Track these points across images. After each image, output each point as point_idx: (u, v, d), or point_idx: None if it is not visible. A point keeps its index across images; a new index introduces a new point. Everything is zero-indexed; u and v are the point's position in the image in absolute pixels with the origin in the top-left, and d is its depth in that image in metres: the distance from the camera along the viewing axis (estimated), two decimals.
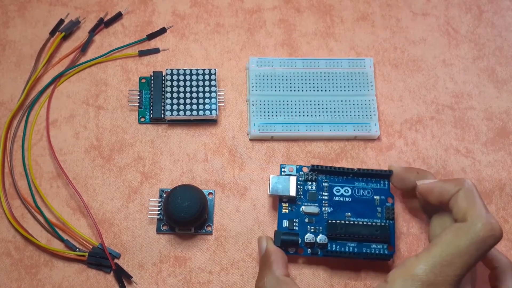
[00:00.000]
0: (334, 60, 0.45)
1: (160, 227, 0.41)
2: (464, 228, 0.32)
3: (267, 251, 0.37)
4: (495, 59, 0.47)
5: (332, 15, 0.48)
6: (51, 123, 0.44)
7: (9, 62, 0.45)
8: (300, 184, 0.40)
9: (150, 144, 0.43)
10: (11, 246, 0.40)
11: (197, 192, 0.39)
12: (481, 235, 0.31)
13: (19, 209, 0.41)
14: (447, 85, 0.46)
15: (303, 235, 0.39)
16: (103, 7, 0.48)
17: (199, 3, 0.48)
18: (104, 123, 0.44)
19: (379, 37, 0.47)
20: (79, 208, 0.41)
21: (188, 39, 0.47)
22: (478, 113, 0.45)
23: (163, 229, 0.41)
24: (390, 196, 0.40)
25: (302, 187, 0.40)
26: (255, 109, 0.43)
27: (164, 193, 0.41)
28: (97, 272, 0.40)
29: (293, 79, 0.44)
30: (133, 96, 0.44)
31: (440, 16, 0.48)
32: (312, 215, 0.39)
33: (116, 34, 0.47)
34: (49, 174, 0.42)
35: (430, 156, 0.43)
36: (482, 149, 0.44)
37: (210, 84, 0.43)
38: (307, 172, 0.40)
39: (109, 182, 0.42)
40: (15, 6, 0.47)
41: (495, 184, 0.43)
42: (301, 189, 0.40)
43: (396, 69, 0.46)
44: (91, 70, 0.45)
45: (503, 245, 0.41)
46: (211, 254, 0.40)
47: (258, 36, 0.47)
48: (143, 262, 0.40)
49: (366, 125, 0.43)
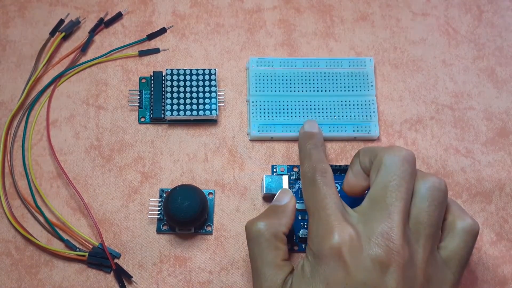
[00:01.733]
0: (334, 60, 0.45)
1: (160, 227, 0.41)
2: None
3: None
4: (495, 59, 0.47)
5: (332, 15, 0.48)
6: (51, 123, 0.44)
7: (9, 62, 0.45)
8: (292, 183, 0.41)
9: (150, 144, 0.43)
10: (11, 246, 0.40)
11: (197, 192, 0.39)
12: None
13: (19, 209, 0.41)
14: (447, 85, 0.46)
15: (297, 231, 0.40)
16: (103, 7, 0.48)
17: (199, 3, 0.48)
18: (104, 123, 0.44)
19: (379, 37, 0.47)
20: (79, 208, 0.41)
21: (188, 39, 0.47)
22: (478, 113, 0.45)
23: (163, 229, 0.41)
24: None
25: (294, 185, 0.41)
26: (255, 109, 0.43)
27: (164, 193, 0.41)
28: (97, 272, 0.40)
29: (293, 79, 0.44)
30: (133, 96, 0.44)
31: (440, 16, 0.48)
32: (305, 212, 0.40)
33: (116, 34, 0.47)
34: (49, 174, 0.42)
35: (430, 156, 0.44)
36: (482, 149, 0.44)
37: (210, 84, 0.43)
38: (297, 171, 0.42)
39: (109, 182, 0.42)
40: (15, 6, 0.47)
41: (495, 184, 0.43)
42: (293, 187, 0.41)
43: (396, 69, 0.46)
44: (91, 70, 0.46)
45: (503, 245, 0.41)
46: (211, 254, 0.40)
47: (258, 36, 0.47)
48: (143, 262, 0.40)
49: (366, 126, 0.43)
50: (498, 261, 0.41)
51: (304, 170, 0.36)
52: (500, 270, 0.41)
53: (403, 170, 0.32)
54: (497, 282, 0.40)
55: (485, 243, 0.41)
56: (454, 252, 0.32)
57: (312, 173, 0.35)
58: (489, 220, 0.42)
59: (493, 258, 0.41)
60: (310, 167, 0.35)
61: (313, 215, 0.33)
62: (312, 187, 0.34)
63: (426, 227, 0.32)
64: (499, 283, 0.40)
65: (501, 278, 0.40)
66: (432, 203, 0.32)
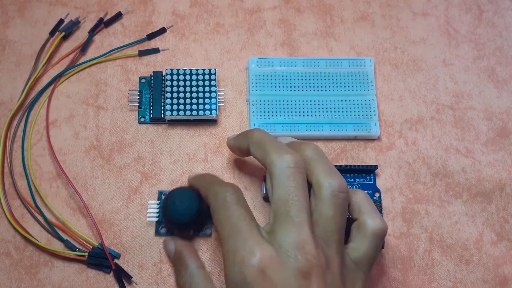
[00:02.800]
0: (334, 60, 0.45)
1: (159, 229, 0.40)
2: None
3: (177, 249, 0.38)
4: (495, 59, 0.47)
5: (332, 15, 0.48)
6: (51, 123, 0.44)
7: (9, 62, 0.45)
8: None
9: (150, 144, 0.43)
10: (11, 246, 0.40)
11: (195, 195, 0.38)
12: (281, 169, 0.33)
13: (19, 209, 0.41)
14: (447, 85, 0.46)
15: None
16: (103, 7, 0.48)
17: (199, 3, 0.48)
18: (104, 123, 0.44)
19: (379, 37, 0.47)
20: (79, 208, 0.41)
21: (188, 39, 0.47)
22: (478, 113, 0.45)
23: (162, 232, 0.40)
24: (376, 190, 0.42)
25: None
26: (255, 109, 0.43)
27: (163, 195, 0.41)
28: (97, 272, 0.40)
29: (293, 79, 0.44)
30: (133, 96, 0.44)
31: (440, 16, 0.48)
32: None
33: (116, 34, 0.47)
34: (49, 174, 0.42)
35: (430, 156, 0.43)
36: (482, 149, 0.44)
37: (210, 84, 0.43)
38: None
39: (109, 182, 0.42)
40: (15, 6, 0.47)
41: (495, 184, 0.43)
42: None
43: (396, 69, 0.46)
44: (91, 70, 0.45)
45: (503, 245, 0.41)
46: (211, 254, 0.40)
47: (258, 36, 0.47)
48: (143, 262, 0.40)
49: (366, 125, 0.43)
50: (498, 261, 0.41)
51: (212, 195, 0.35)
52: (501, 270, 0.41)
53: (294, 179, 0.32)
54: (498, 282, 0.40)
55: (486, 243, 0.41)
56: (365, 254, 0.33)
57: (223, 194, 0.34)
58: (489, 220, 0.42)
59: (494, 258, 0.41)
60: (220, 190, 0.34)
61: (228, 241, 0.32)
62: (224, 210, 0.33)
63: (335, 233, 0.32)
64: (499, 283, 0.40)
65: (501, 278, 0.40)
66: (337, 210, 0.33)
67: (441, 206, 0.42)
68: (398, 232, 0.41)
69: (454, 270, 0.41)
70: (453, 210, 0.42)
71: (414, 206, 0.42)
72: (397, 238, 0.41)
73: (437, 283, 0.40)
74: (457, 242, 0.41)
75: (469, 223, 0.42)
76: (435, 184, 0.43)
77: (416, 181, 0.43)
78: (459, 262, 0.41)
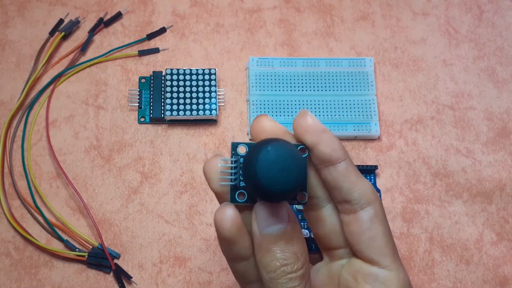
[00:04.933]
0: (334, 60, 0.45)
1: (235, 196, 0.27)
2: None
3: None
4: (495, 59, 0.47)
5: (332, 15, 0.48)
6: (50, 123, 0.44)
7: (9, 62, 0.45)
8: None
9: (150, 144, 0.43)
10: (10, 246, 0.40)
11: (295, 152, 0.25)
12: None
13: (19, 209, 0.41)
14: (447, 85, 0.46)
15: None
16: (102, 7, 0.47)
17: (199, 3, 0.48)
18: (103, 123, 0.44)
19: (379, 37, 0.47)
20: (78, 208, 0.41)
21: (188, 39, 0.47)
22: (478, 113, 0.45)
23: (239, 200, 0.27)
24: (377, 190, 0.42)
25: None
26: (255, 109, 0.43)
27: (238, 148, 0.27)
28: (96, 272, 0.40)
29: (293, 79, 0.44)
30: (133, 96, 0.44)
31: (440, 16, 0.48)
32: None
33: (116, 34, 0.47)
34: (48, 174, 0.42)
35: (430, 156, 0.43)
36: (483, 149, 0.44)
37: (210, 84, 0.43)
38: None
39: (108, 182, 0.42)
40: (15, 6, 0.47)
41: (496, 184, 0.43)
42: None
43: (396, 69, 0.46)
44: (91, 70, 0.45)
45: (503, 245, 0.41)
46: (211, 254, 0.40)
47: (258, 36, 0.47)
48: (143, 262, 0.40)
49: (366, 125, 0.43)
50: (498, 261, 0.41)
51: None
52: (501, 270, 0.41)
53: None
54: (498, 282, 0.40)
55: (486, 243, 0.41)
56: None
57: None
58: (489, 220, 0.42)
59: (494, 258, 0.41)
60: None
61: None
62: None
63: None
64: (499, 283, 0.40)
65: (501, 278, 0.40)
66: None
67: (441, 206, 0.42)
68: (398, 232, 0.41)
69: (454, 270, 0.40)
70: (453, 210, 0.42)
71: (414, 206, 0.42)
72: (397, 238, 0.41)
73: (437, 283, 0.40)
74: (457, 242, 0.41)
75: (469, 223, 0.42)
76: (435, 184, 0.43)
77: (416, 181, 0.43)
78: (459, 262, 0.41)
